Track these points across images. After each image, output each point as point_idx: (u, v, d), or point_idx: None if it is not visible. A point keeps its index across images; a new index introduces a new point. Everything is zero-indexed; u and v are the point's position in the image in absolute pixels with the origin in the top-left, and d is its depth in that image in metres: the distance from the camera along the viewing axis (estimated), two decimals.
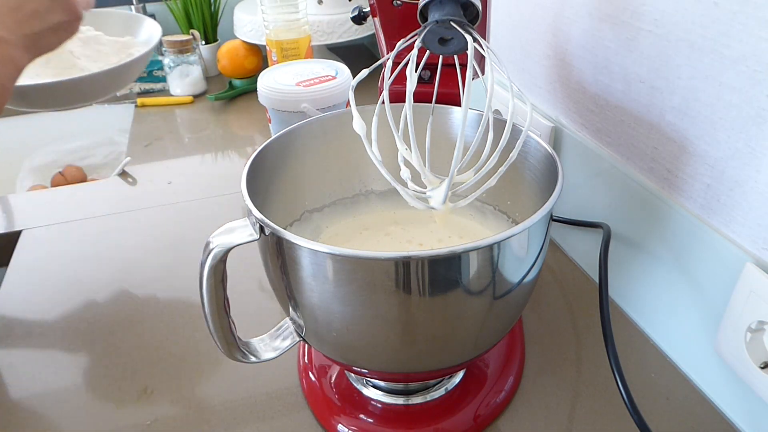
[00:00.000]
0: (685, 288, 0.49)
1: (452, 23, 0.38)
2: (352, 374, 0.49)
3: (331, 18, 1.14)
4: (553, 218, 0.42)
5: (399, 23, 0.53)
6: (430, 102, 0.50)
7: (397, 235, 0.53)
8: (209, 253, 0.36)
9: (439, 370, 0.42)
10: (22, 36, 0.45)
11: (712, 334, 0.46)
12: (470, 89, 0.36)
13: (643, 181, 0.52)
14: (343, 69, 0.76)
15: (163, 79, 1.26)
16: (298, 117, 0.72)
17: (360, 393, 0.48)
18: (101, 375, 0.53)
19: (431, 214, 0.41)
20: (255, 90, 0.74)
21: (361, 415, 0.46)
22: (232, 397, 0.50)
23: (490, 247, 0.34)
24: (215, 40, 1.28)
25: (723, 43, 0.41)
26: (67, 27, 0.50)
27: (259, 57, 1.19)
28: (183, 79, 1.18)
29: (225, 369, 0.53)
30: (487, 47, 0.39)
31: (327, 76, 0.74)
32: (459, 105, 0.51)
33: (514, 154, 0.37)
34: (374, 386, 0.48)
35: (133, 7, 1.33)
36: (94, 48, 0.75)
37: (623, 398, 0.41)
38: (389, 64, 0.40)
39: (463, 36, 0.38)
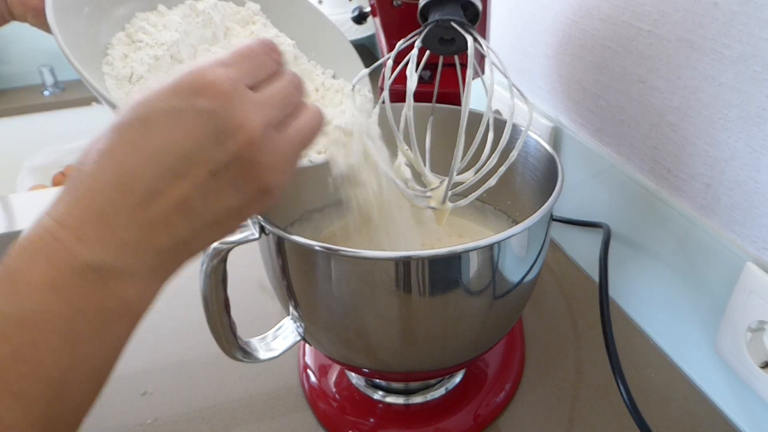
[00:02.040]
0: (685, 288, 0.49)
1: (452, 23, 0.38)
2: (353, 374, 0.49)
3: (331, 18, 1.14)
4: (553, 218, 0.42)
5: (399, 23, 0.53)
6: (431, 102, 0.50)
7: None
8: (209, 253, 0.36)
9: (439, 370, 0.42)
10: (152, 253, 0.24)
11: (712, 334, 0.46)
12: (470, 89, 0.36)
13: (643, 181, 0.52)
14: None
15: None
16: None
17: (360, 393, 0.48)
18: None
19: (431, 213, 0.41)
20: None
21: (362, 415, 0.46)
22: (232, 397, 0.50)
23: (490, 247, 0.34)
24: None
25: (723, 43, 0.41)
26: (242, 212, 0.26)
27: None
28: None
29: (225, 369, 0.53)
30: (488, 47, 0.39)
31: None
32: (459, 105, 0.51)
33: (514, 154, 0.38)
34: (374, 386, 0.48)
35: None
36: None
37: (623, 398, 0.41)
38: (389, 64, 0.40)
39: (464, 36, 0.38)
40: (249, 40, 0.27)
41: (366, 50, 1.41)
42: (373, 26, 0.86)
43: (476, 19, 0.41)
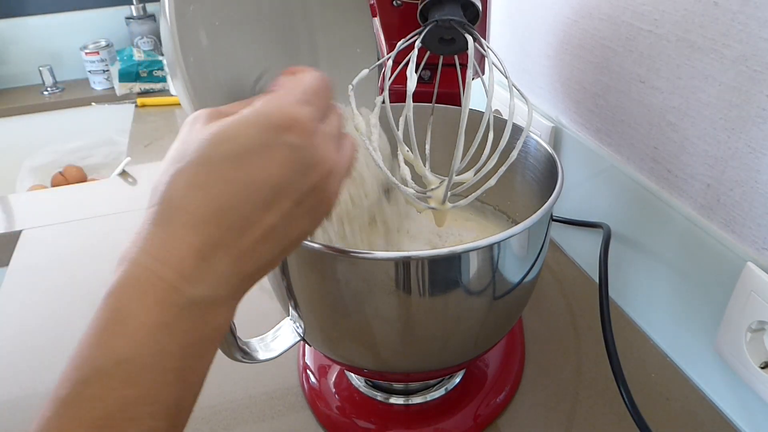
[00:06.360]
0: (685, 288, 0.48)
1: (452, 23, 0.38)
2: (352, 374, 0.49)
3: None
4: (553, 218, 0.42)
5: (399, 23, 0.53)
6: (431, 102, 0.50)
7: (395, 226, 0.53)
8: None
9: (439, 370, 0.42)
10: (238, 279, 0.26)
11: (712, 334, 0.46)
12: (470, 89, 0.36)
13: (643, 181, 0.52)
14: None
15: (163, 79, 1.26)
16: None
17: (360, 393, 0.48)
18: None
19: (431, 214, 0.41)
20: None
21: (361, 416, 0.46)
22: (232, 397, 0.50)
23: (490, 247, 0.34)
24: None
25: (723, 43, 0.41)
26: (309, 234, 0.29)
27: None
28: None
29: (225, 369, 0.52)
30: (488, 47, 0.39)
31: None
32: (459, 105, 0.51)
33: (514, 154, 0.37)
34: (374, 386, 0.48)
35: (132, 7, 1.33)
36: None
37: (623, 398, 0.41)
38: (389, 64, 0.40)
39: (464, 36, 0.38)
40: (311, 75, 0.28)
41: None
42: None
43: (476, 19, 0.41)
